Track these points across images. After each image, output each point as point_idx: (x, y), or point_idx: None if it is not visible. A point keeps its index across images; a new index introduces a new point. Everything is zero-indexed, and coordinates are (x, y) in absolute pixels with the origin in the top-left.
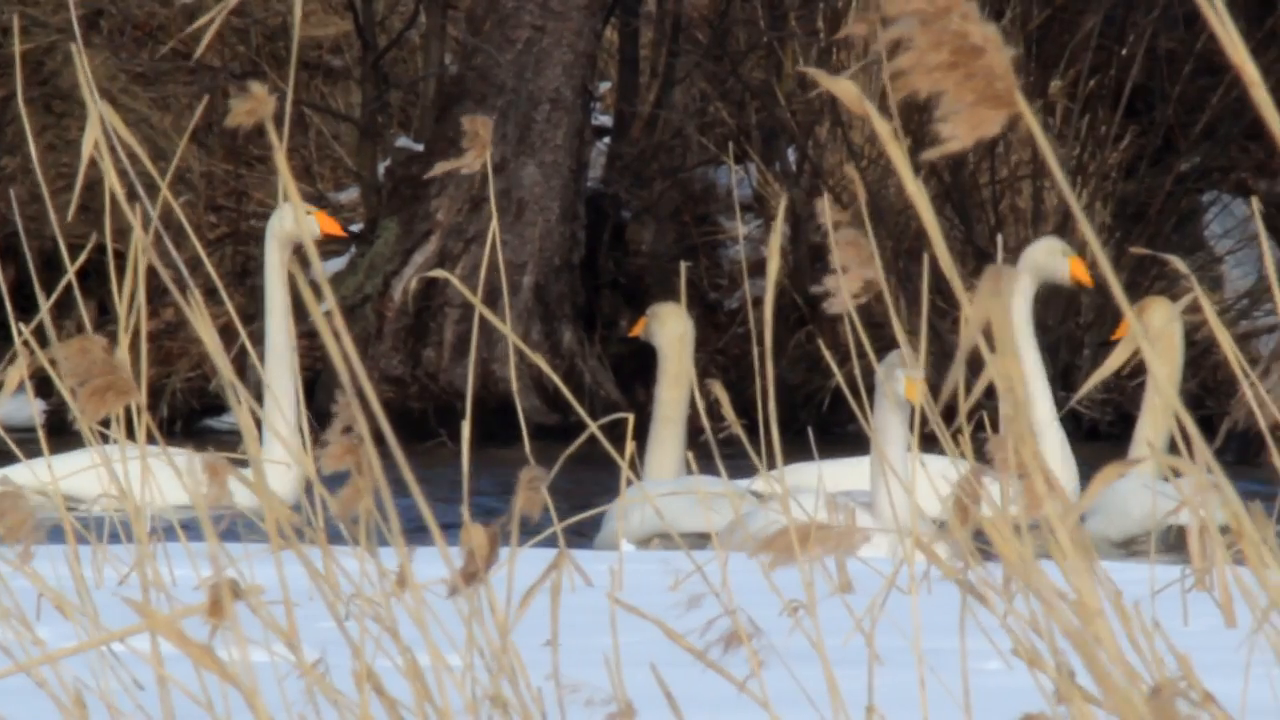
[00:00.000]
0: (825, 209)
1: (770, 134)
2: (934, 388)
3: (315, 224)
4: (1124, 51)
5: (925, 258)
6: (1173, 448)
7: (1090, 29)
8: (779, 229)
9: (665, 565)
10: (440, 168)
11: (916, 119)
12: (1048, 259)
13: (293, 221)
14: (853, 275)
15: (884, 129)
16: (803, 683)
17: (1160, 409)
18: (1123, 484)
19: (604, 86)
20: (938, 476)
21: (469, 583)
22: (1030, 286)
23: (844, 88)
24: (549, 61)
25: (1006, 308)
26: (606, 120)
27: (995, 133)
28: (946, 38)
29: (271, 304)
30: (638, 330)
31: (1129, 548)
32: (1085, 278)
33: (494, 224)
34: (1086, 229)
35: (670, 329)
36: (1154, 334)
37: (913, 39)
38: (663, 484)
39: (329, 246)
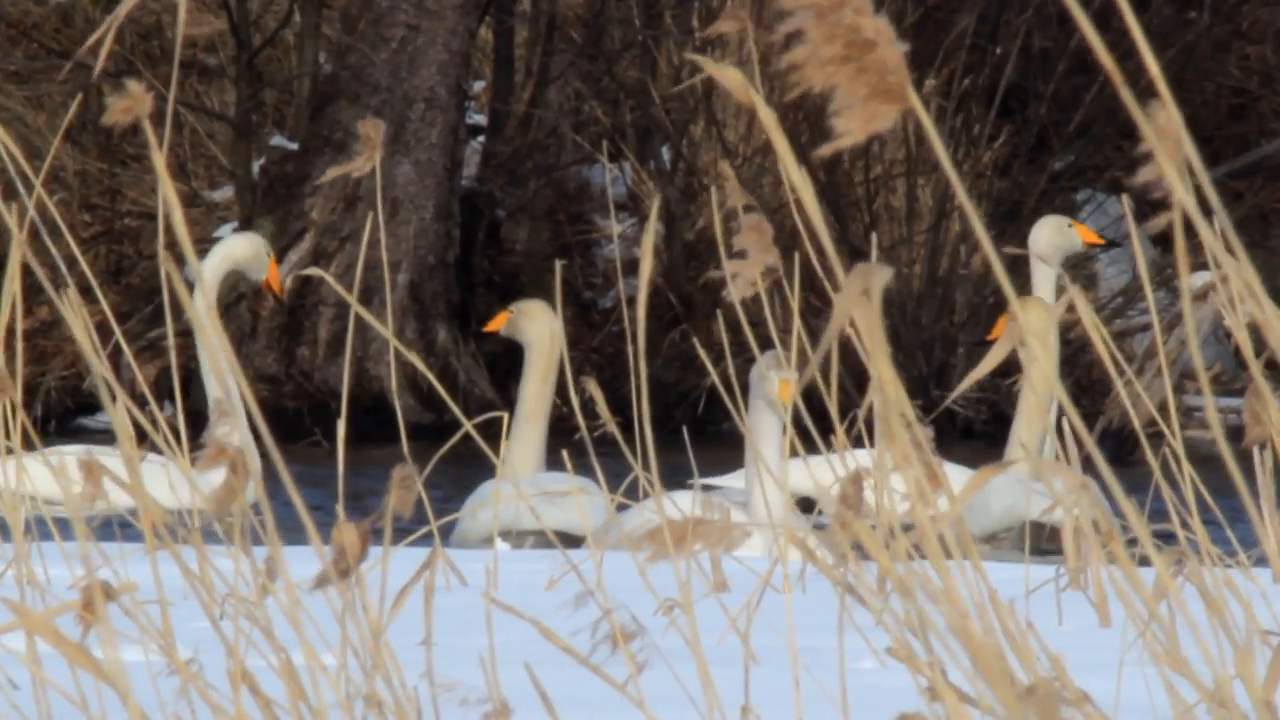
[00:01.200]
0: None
1: (644, 132)
2: (814, 388)
3: (265, 267)
4: (998, 50)
5: (796, 256)
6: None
7: (964, 28)
8: (653, 228)
9: (543, 564)
10: (332, 172)
11: (792, 118)
12: (1060, 236)
13: (250, 252)
14: (754, 260)
15: (769, 118)
16: (679, 682)
17: (1035, 408)
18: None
19: (479, 85)
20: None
21: (341, 579)
22: (1053, 271)
23: (730, 75)
24: (424, 60)
25: (875, 306)
26: (481, 119)
27: (888, 127)
28: (840, 31)
29: (206, 313)
30: (495, 325)
31: (990, 544)
32: (1096, 238)
33: (369, 223)
34: (974, 218)
35: (541, 325)
36: (1030, 333)
37: (807, 33)
38: (530, 480)
39: (203, 246)
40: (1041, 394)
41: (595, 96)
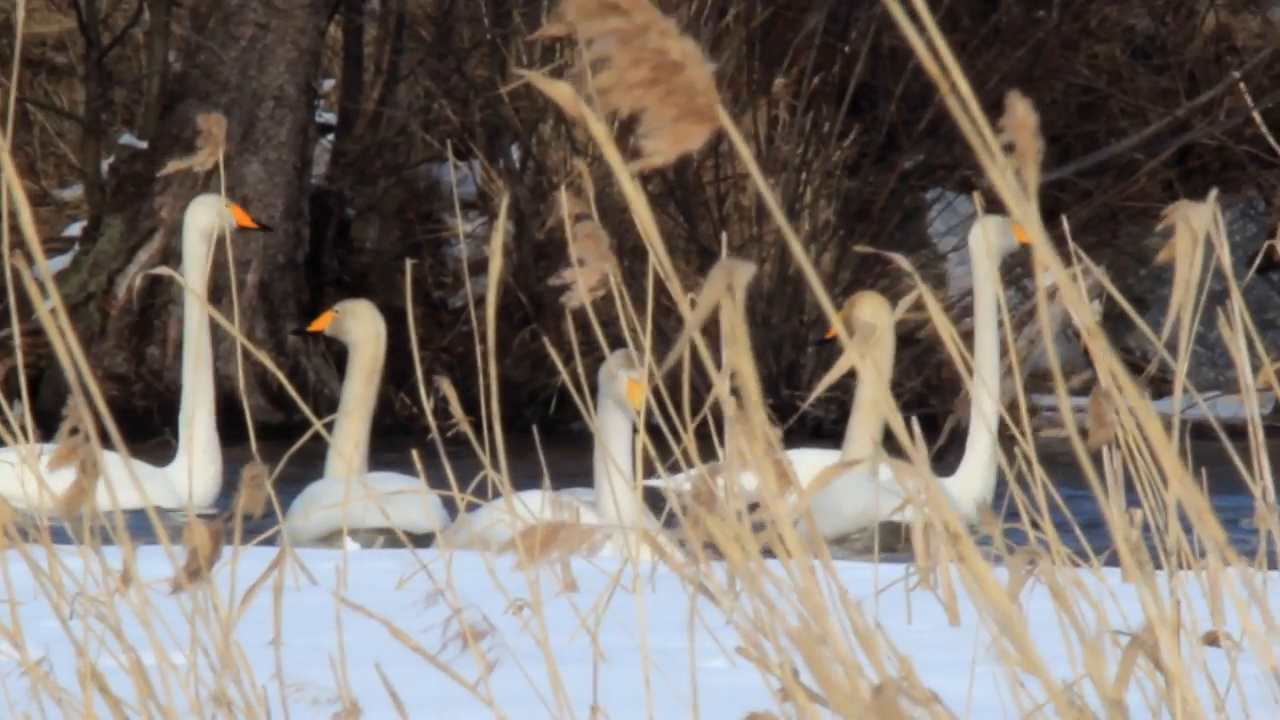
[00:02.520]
0: (562, 202)
1: (494, 131)
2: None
3: (232, 216)
4: (847, 49)
5: (651, 256)
6: (884, 444)
7: (814, 26)
8: (502, 227)
9: (393, 563)
10: (172, 166)
11: (636, 119)
12: (1002, 237)
13: (213, 213)
14: (591, 268)
15: (600, 131)
16: (529, 681)
17: (870, 405)
18: (836, 481)
19: (328, 84)
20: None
21: (192, 580)
22: (994, 268)
23: (559, 90)
24: (273, 59)
25: (737, 302)
26: (331, 118)
27: (698, 147)
28: (646, 55)
29: (191, 299)
30: (320, 325)
31: (842, 545)
32: (1025, 237)
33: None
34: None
35: (366, 325)
36: (863, 328)
37: (612, 57)
38: (342, 481)
39: (51, 246)
40: (877, 391)
41: (445, 95)
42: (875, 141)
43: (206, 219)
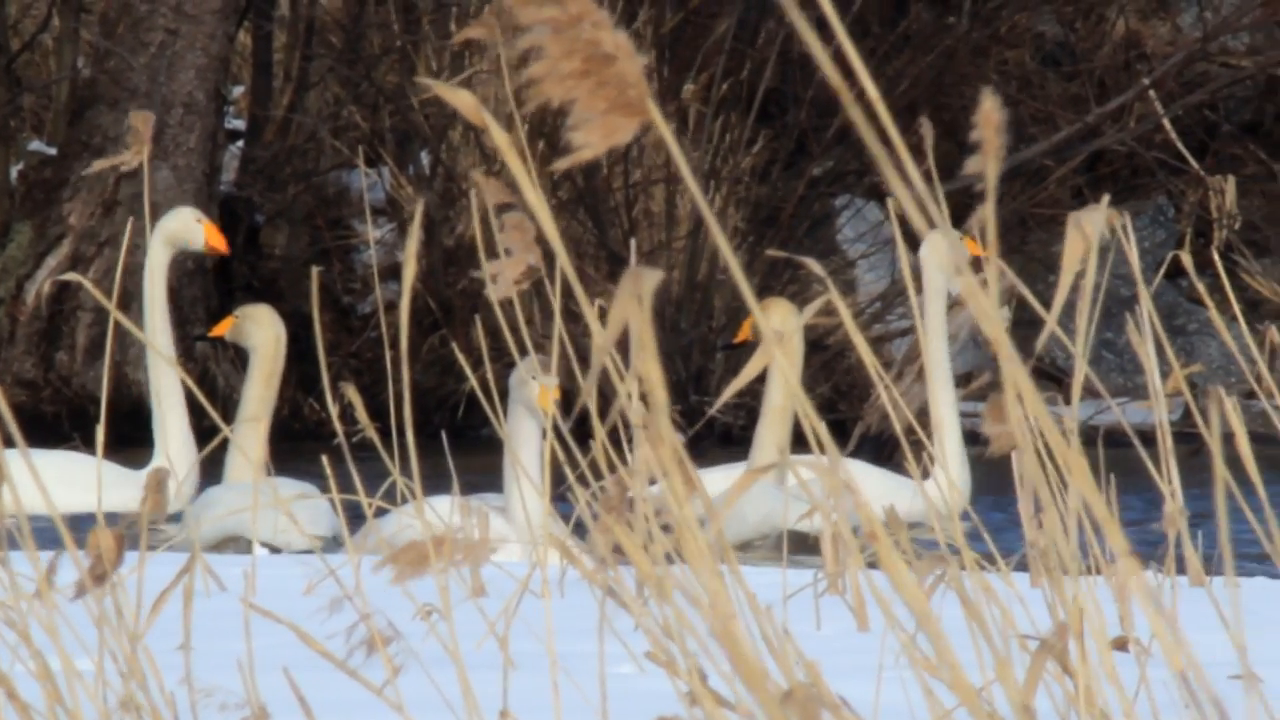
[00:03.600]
0: (486, 191)
1: (403, 137)
2: (566, 393)
3: (201, 233)
4: (757, 55)
5: (558, 264)
6: (793, 450)
7: (723, 32)
8: (415, 233)
9: (301, 569)
10: (99, 165)
11: (552, 122)
12: (952, 252)
13: (182, 226)
14: (516, 260)
15: (503, 140)
16: (437, 687)
17: (779, 412)
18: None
19: (238, 90)
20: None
21: (97, 584)
22: (942, 280)
23: (462, 99)
24: (182, 65)
25: (645, 310)
26: (240, 124)
27: (628, 140)
28: (578, 46)
29: (150, 303)
30: (221, 330)
31: (746, 551)
32: (980, 250)
33: (128, 227)
34: (719, 235)
35: (265, 330)
36: (771, 334)
37: (545, 47)
38: (239, 487)
39: None
40: (785, 397)
41: (354, 101)
42: (785, 148)
43: (172, 229)
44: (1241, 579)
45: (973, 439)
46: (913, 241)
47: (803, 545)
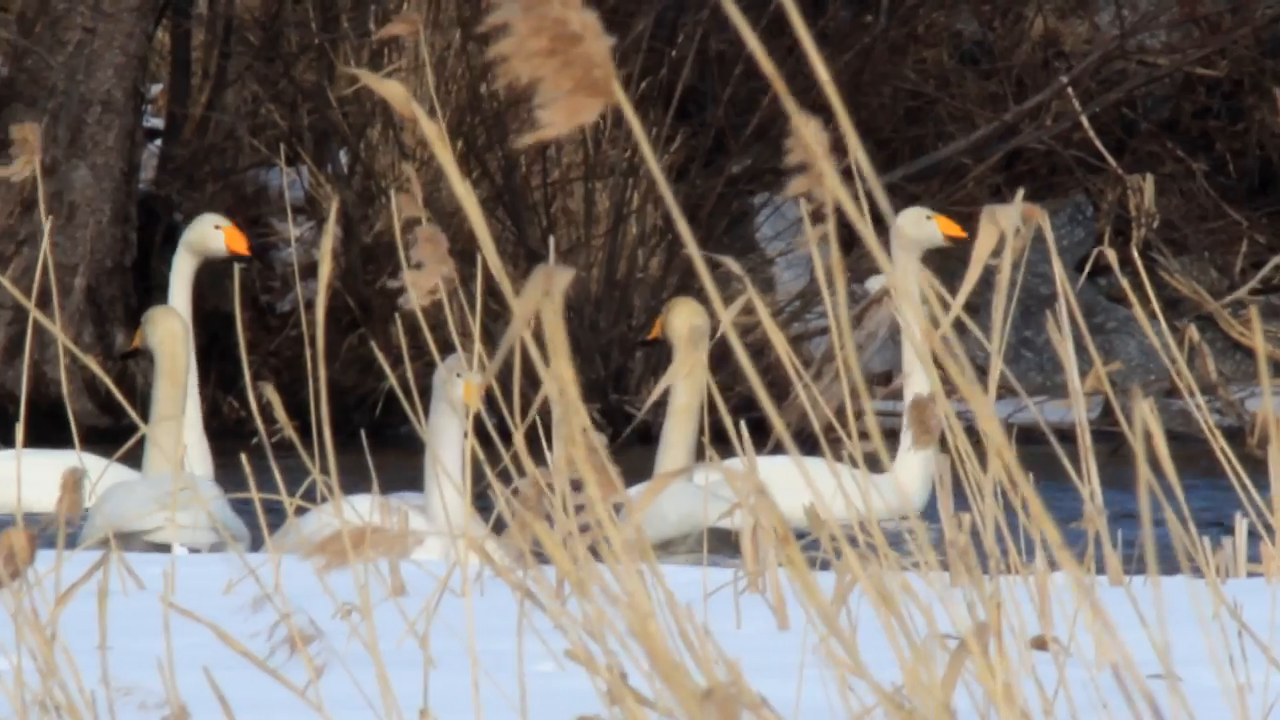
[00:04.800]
0: (397, 205)
1: (322, 136)
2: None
3: (222, 239)
4: (675, 53)
5: (479, 260)
6: (701, 449)
7: (641, 30)
8: (331, 231)
9: (221, 567)
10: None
11: (470, 120)
12: (916, 229)
13: (200, 232)
14: (429, 271)
15: (432, 130)
16: (357, 685)
17: (685, 410)
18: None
19: (156, 89)
20: (777, 480)
21: (11, 580)
22: (914, 262)
23: (391, 89)
24: (100, 64)
25: (556, 308)
26: (158, 122)
27: (592, 120)
28: (546, 24)
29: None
30: (135, 344)
31: (666, 550)
32: (957, 231)
33: (46, 226)
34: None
35: (163, 327)
36: (679, 332)
37: (514, 25)
38: (149, 482)
39: None
40: (691, 396)
41: (272, 99)
42: (703, 146)
43: (195, 235)
44: (1161, 578)
45: (893, 438)
46: (847, 242)
47: (723, 544)
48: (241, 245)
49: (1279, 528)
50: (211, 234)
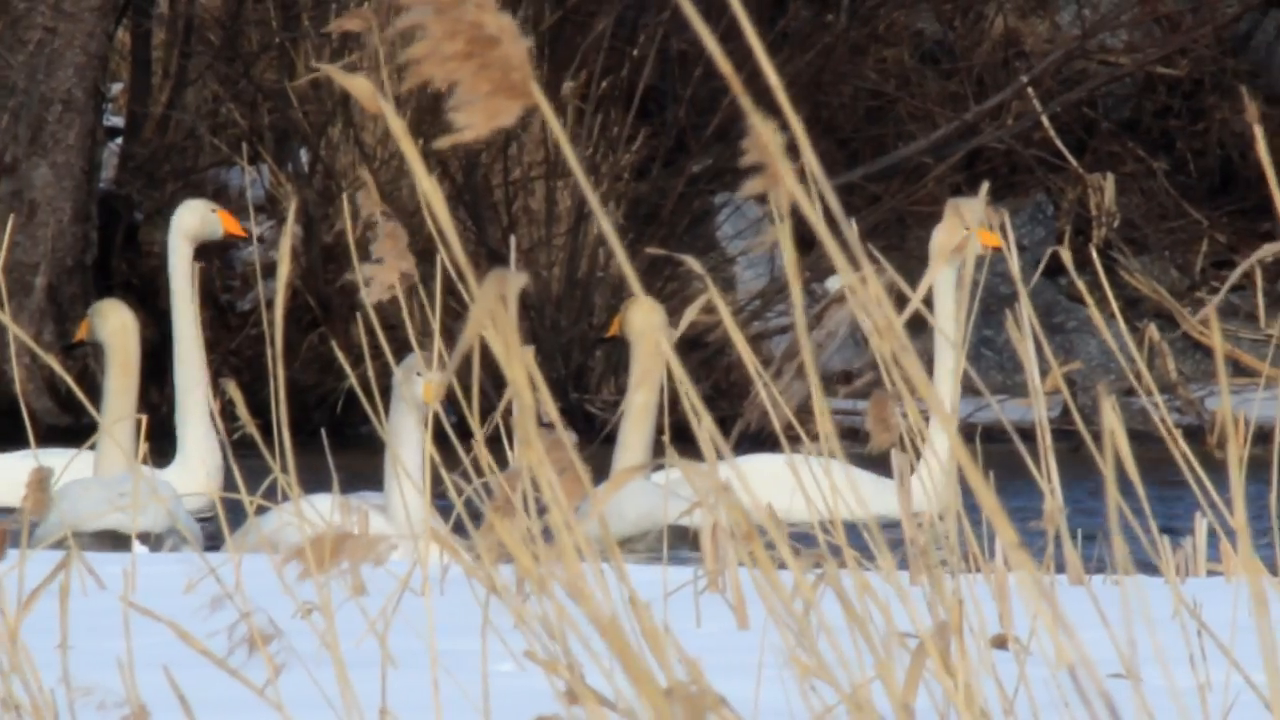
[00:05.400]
0: (362, 202)
1: (283, 135)
2: (450, 391)
3: (219, 222)
4: (636, 52)
5: (439, 259)
6: (660, 447)
7: (602, 30)
8: (290, 230)
9: (182, 567)
10: None
11: (429, 121)
12: (954, 241)
13: (198, 219)
14: (390, 266)
15: (398, 126)
16: (317, 685)
17: (643, 409)
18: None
19: (116, 88)
20: (770, 476)
21: None
22: (951, 272)
23: (359, 85)
24: (61, 63)
25: (511, 311)
26: (119, 121)
27: (511, 123)
28: (462, 27)
29: (179, 302)
30: (80, 335)
31: (625, 548)
32: (995, 241)
33: (9, 225)
34: (606, 227)
35: (111, 320)
36: (637, 332)
37: (428, 28)
38: (104, 481)
39: None
40: (648, 395)
41: (233, 99)
42: (664, 145)
43: (190, 223)
44: (1122, 576)
45: (853, 436)
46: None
47: (683, 542)
48: (238, 227)
49: (1238, 528)
50: (209, 217)
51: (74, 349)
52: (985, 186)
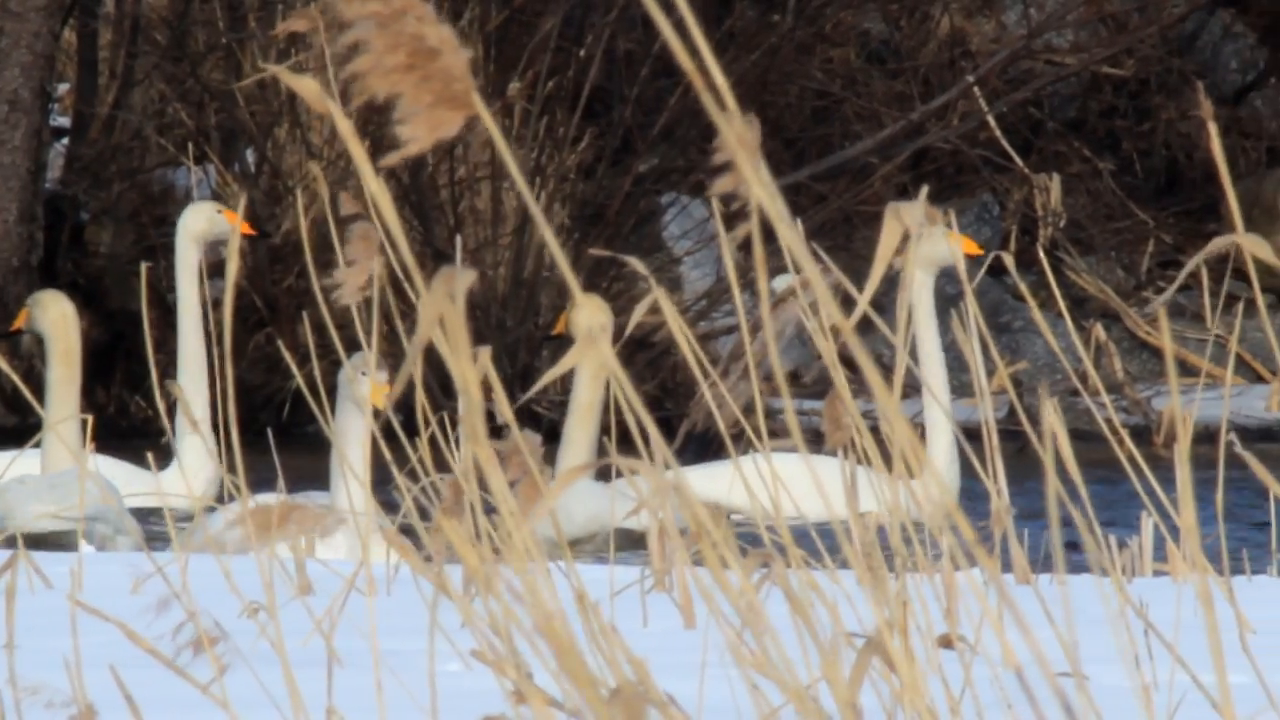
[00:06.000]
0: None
1: (229, 135)
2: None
3: (227, 223)
4: (582, 53)
5: (380, 260)
6: (603, 447)
7: (549, 30)
8: (238, 230)
9: (129, 567)
10: None
11: (375, 121)
12: (937, 249)
13: (205, 220)
14: (362, 268)
15: (345, 126)
16: (265, 685)
17: (586, 408)
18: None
19: (63, 88)
20: (787, 476)
21: None
22: (929, 278)
23: (306, 86)
24: (7, 63)
25: (460, 309)
26: (65, 121)
27: (454, 134)
28: (403, 40)
29: (184, 303)
30: (17, 324)
31: (572, 549)
32: (973, 248)
33: None
34: (545, 230)
35: (52, 311)
36: (582, 330)
37: (370, 42)
38: (50, 477)
39: None
40: (592, 394)
41: (179, 99)
42: (610, 145)
43: (198, 225)
44: (1066, 576)
45: (814, 436)
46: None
47: (630, 542)
48: (247, 227)
49: (1185, 527)
50: (217, 219)
51: (9, 336)
52: (925, 191)
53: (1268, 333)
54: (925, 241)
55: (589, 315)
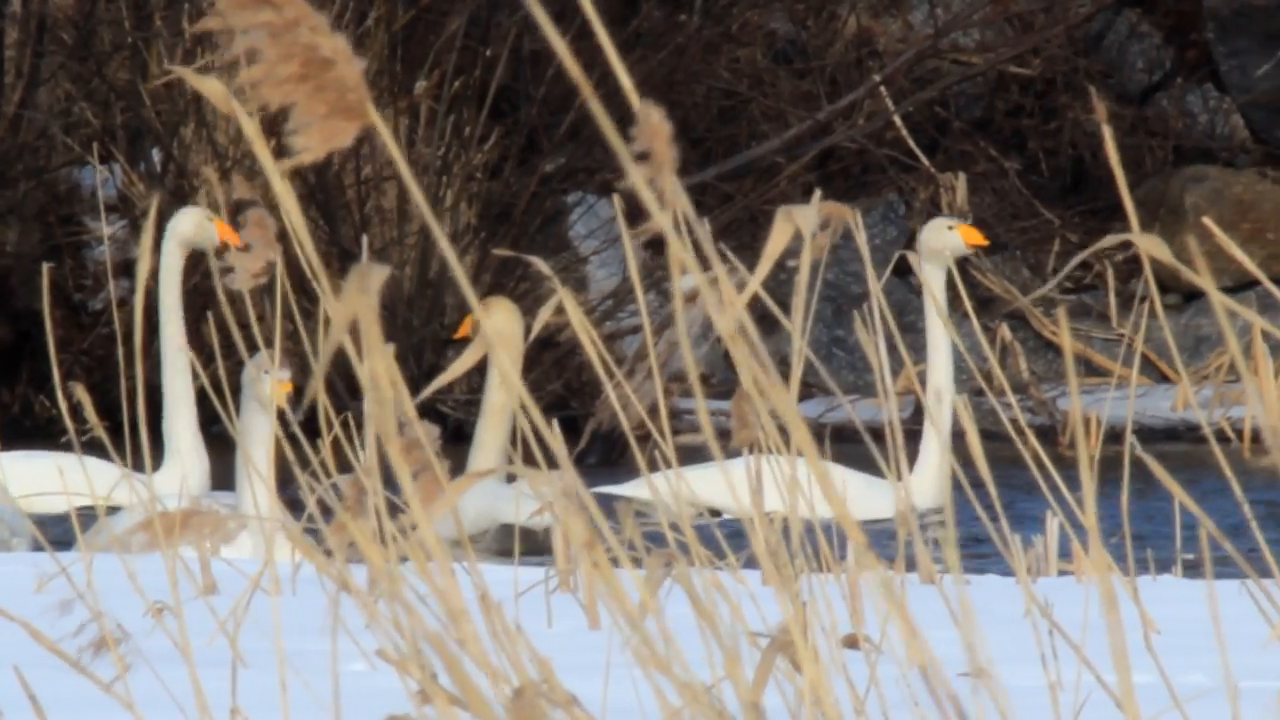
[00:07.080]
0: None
1: (135, 134)
2: (299, 389)
3: (215, 231)
4: (489, 52)
5: (283, 258)
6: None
7: (455, 29)
8: (150, 229)
9: (33, 568)
10: None
11: (282, 121)
12: (939, 239)
13: (193, 225)
14: (257, 254)
15: (251, 127)
16: (168, 685)
17: (498, 410)
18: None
19: None
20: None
21: None
22: (940, 271)
23: (211, 87)
24: None
25: (372, 306)
26: None
27: (348, 144)
28: (296, 50)
29: (166, 307)
30: None
31: (462, 549)
32: (980, 239)
33: None
34: (437, 232)
35: None
36: (493, 332)
37: (262, 51)
38: None
39: None
40: (504, 396)
41: (86, 98)
42: (516, 144)
43: (186, 229)
44: (972, 576)
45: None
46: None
47: (534, 543)
48: (234, 237)
49: (1089, 527)
50: (206, 225)
51: None
52: (818, 194)
53: (1167, 333)
54: (929, 234)
55: (500, 319)
